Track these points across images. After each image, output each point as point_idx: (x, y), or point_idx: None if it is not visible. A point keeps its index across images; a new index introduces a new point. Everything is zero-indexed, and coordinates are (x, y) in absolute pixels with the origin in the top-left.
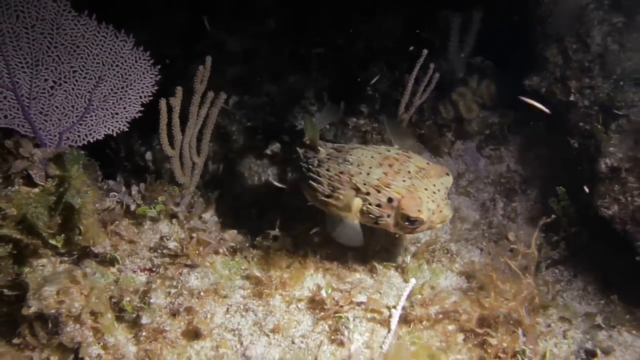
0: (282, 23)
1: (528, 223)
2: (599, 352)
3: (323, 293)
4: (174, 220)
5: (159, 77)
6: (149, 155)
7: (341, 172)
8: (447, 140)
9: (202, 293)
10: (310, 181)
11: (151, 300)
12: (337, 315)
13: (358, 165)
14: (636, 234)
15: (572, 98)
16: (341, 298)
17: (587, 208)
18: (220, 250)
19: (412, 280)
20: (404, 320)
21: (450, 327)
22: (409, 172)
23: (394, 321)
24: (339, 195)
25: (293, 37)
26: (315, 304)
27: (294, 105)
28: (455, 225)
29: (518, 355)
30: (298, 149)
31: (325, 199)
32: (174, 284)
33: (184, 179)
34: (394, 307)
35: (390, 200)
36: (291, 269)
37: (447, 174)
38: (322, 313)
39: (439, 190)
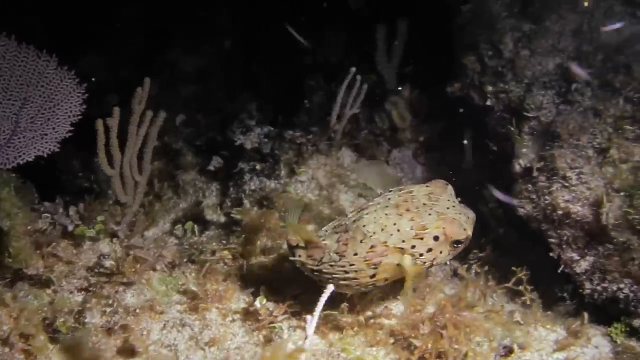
0: (237, 42)
1: None
2: (515, 347)
3: (257, 304)
4: (114, 240)
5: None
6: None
7: (372, 247)
8: (383, 149)
9: (137, 310)
10: (346, 275)
11: (86, 320)
12: (271, 325)
13: (382, 230)
14: (549, 231)
15: (488, 103)
16: (275, 308)
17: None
18: (158, 267)
19: (330, 287)
20: (336, 327)
21: (380, 332)
22: (424, 204)
23: (310, 327)
24: (385, 267)
25: (247, 55)
26: (249, 315)
27: (237, 122)
28: None
29: (442, 356)
30: (299, 258)
31: (372, 279)
32: (110, 302)
33: (126, 197)
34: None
35: (436, 238)
36: (228, 282)
37: (446, 184)
38: (257, 324)
39: (454, 202)
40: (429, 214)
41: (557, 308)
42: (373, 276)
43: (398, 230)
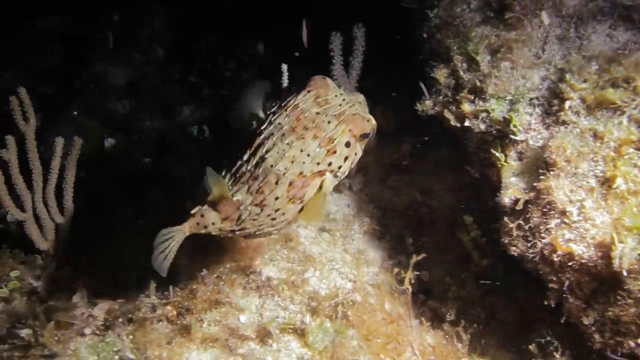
0: (171, 49)
1: (440, 259)
2: None
3: None
4: (34, 297)
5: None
6: (11, 217)
7: (291, 183)
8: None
9: None
10: (273, 221)
11: None
12: None
13: (293, 162)
14: (548, 276)
15: (467, 123)
16: None
17: (498, 238)
18: (87, 331)
19: None
20: None
21: None
22: (317, 113)
23: None
24: (310, 195)
25: (183, 64)
26: None
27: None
28: (360, 271)
29: None
30: (214, 226)
31: (299, 212)
32: None
33: (46, 244)
34: None
35: (348, 144)
36: (172, 345)
37: (324, 78)
38: None
39: (341, 94)
40: (329, 122)
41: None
42: (301, 209)
43: (309, 155)
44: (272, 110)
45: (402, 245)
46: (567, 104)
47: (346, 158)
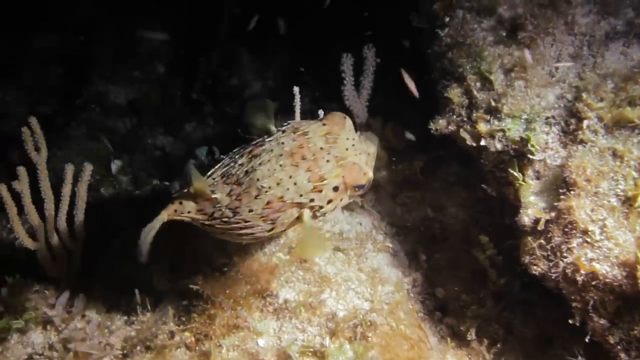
0: (171, 65)
1: (454, 275)
2: None
3: None
4: (49, 327)
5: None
6: (19, 243)
7: (269, 203)
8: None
9: None
10: (241, 230)
11: None
12: None
13: (278, 185)
14: (572, 294)
15: (483, 143)
16: None
17: (515, 256)
18: None
19: None
20: None
21: None
22: (321, 149)
23: None
24: (283, 221)
25: (184, 80)
26: None
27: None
28: (377, 290)
29: None
30: (189, 214)
31: (269, 232)
32: None
33: (59, 272)
34: None
35: (336, 188)
36: None
37: (344, 117)
38: None
39: (353, 139)
40: (327, 161)
41: None
42: (271, 229)
43: (295, 184)
44: (282, 128)
45: (415, 262)
46: (585, 123)
47: (330, 201)
